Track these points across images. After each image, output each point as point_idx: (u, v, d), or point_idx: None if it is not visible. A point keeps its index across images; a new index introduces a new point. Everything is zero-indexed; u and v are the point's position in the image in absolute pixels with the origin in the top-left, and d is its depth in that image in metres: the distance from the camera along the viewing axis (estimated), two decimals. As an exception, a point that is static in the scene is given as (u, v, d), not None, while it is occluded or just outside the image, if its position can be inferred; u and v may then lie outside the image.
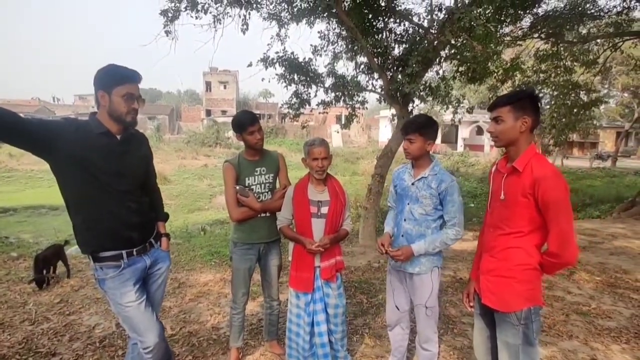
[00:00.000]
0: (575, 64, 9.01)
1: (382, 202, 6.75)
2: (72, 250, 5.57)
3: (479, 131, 33.06)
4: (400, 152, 3.33)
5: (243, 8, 5.59)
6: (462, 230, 2.18)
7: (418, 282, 2.24)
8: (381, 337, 3.09)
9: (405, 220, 2.23)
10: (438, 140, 32.69)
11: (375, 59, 5.88)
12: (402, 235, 2.24)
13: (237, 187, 2.47)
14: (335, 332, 2.41)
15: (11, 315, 3.46)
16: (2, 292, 3.98)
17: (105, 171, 1.76)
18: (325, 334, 2.34)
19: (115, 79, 1.76)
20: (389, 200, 2.48)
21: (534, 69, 9.05)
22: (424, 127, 2.16)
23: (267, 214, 2.55)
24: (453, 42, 5.11)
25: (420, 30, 5.91)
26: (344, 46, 6.48)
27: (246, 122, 2.44)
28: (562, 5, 7.20)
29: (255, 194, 2.51)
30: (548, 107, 11.08)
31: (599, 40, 8.93)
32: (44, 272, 4.12)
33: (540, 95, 10.15)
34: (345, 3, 5.50)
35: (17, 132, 1.56)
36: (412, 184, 2.22)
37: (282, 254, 2.77)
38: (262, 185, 2.56)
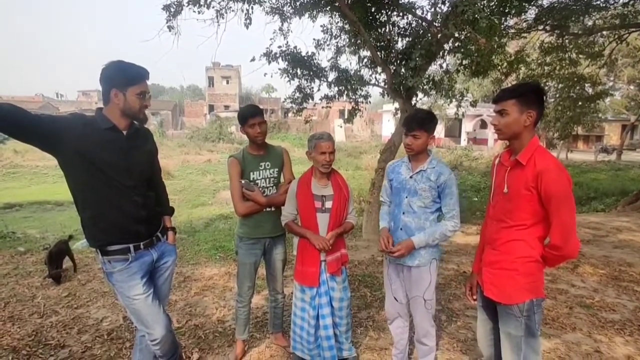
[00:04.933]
0: (580, 56, 8.92)
1: (385, 197, 6.74)
2: (78, 244, 5.64)
3: (483, 125, 32.84)
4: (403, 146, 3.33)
5: (246, 2, 5.56)
6: (459, 222, 2.21)
7: (417, 274, 2.25)
8: (385, 329, 3.11)
9: (404, 213, 2.24)
10: (442, 134, 32.57)
11: (379, 53, 5.85)
12: (401, 229, 2.25)
13: (243, 182, 2.49)
14: (340, 325, 2.44)
15: (20, 309, 3.52)
16: (11, 286, 4.04)
17: (113, 166, 1.79)
18: (330, 326, 2.37)
19: (129, 78, 1.79)
20: (382, 195, 2.48)
21: (539, 61, 8.99)
22: (427, 122, 2.18)
23: (273, 209, 2.57)
24: (457, 35, 5.07)
25: (424, 23, 5.86)
26: (347, 40, 6.44)
27: (247, 114, 2.46)
28: (567, -4, 7.12)
29: (260, 189, 2.53)
30: (553, 100, 11.01)
31: (604, 32, 8.82)
32: (56, 267, 4.18)
33: (545, 88, 10.07)
34: (347, -4, 5.47)
35: (28, 129, 1.59)
36: (411, 177, 2.23)
37: (287, 248, 2.79)
38: (267, 180, 2.58)
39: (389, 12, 5.92)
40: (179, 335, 3.00)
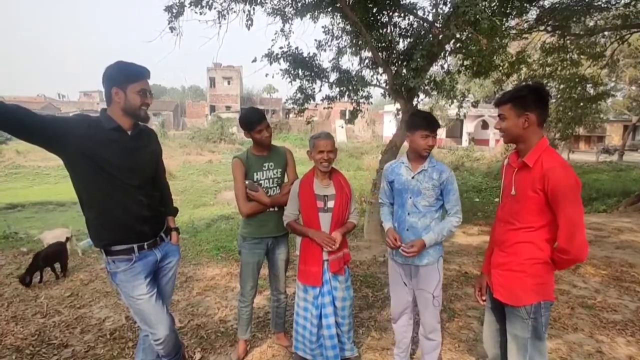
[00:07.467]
0: (581, 56, 8.91)
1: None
2: (81, 244, 5.65)
3: (484, 125, 32.81)
4: (404, 146, 3.34)
5: (247, 3, 5.58)
6: (462, 216, 2.26)
7: (426, 273, 2.27)
8: (387, 330, 3.12)
9: (409, 214, 2.26)
10: (443, 135, 32.53)
11: (380, 54, 5.86)
12: (407, 229, 2.26)
13: (247, 182, 2.50)
14: (343, 325, 2.44)
15: (23, 309, 3.53)
16: (14, 286, 4.06)
17: (117, 166, 1.80)
18: (333, 326, 2.37)
19: (129, 76, 1.81)
20: (381, 196, 2.48)
21: (540, 62, 8.96)
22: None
23: (276, 209, 2.58)
24: (458, 35, 5.08)
25: (425, 24, 5.87)
26: (349, 41, 6.45)
27: (254, 120, 2.47)
28: (569, -3, 7.11)
29: (264, 189, 2.54)
30: (554, 100, 10.98)
31: (606, 33, 8.82)
32: (51, 268, 4.21)
33: (547, 88, 10.03)
34: (349, -3, 5.48)
35: (33, 129, 1.60)
36: (413, 177, 2.24)
37: (290, 248, 2.80)
38: (271, 180, 2.59)
39: (391, 13, 5.94)
40: (181, 334, 3.01)
